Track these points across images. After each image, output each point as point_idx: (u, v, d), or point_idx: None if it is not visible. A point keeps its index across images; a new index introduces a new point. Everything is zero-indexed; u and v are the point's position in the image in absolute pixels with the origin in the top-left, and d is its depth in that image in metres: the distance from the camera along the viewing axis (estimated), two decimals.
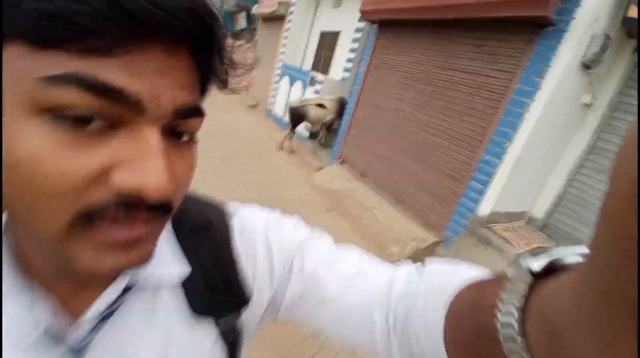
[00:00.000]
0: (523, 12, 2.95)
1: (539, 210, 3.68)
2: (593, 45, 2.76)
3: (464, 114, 3.74)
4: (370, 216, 4.52)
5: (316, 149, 6.95)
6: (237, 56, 0.32)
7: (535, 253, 0.23)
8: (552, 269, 0.22)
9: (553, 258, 0.22)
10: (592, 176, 3.35)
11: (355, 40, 6.92)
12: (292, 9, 8.92)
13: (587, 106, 3.23)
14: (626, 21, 2.68)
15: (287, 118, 6.55)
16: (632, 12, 2.47)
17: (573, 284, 0.18)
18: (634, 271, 0.13)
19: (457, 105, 3.85)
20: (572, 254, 0.22)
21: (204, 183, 4.36)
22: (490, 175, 3.29)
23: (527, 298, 0.22)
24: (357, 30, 6.85)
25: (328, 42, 8.05)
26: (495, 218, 3.40)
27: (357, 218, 4.53)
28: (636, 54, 2.95)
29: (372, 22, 5.52)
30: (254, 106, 10.81)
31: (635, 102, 3.07)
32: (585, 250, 0.21)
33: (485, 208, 3.32)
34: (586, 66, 2.89)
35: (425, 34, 4.43)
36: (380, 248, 3.89)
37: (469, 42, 3.75)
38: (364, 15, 5.48)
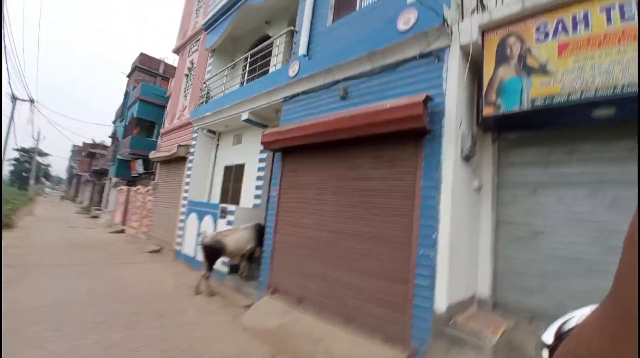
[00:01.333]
0: (406, 126, 3.58)
1: (483, 289, 3.72)
2: (465, 142, 3.42)
3: (386, 216, 3.91)
4: (323, 350, 3.81)
5: (240, 284, 6.13)
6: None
7: (543, 329, 0.30)
8: (560, 336, 0.28)
9: (557, 327, 0.29)
10: (509, 246, 3.69)
11: (260, 169, 7.26)
12: (192, 149, 9.17)
13: (478, 188, 3.80)
14: (482, 120, 3.46)
15: (200, 257, 5.80)
16: (486, 112, 3.25)
17: (597, 317, 0.21)
18: None
19: (376, 209, 4.04)
20: (571, 319, 0.29)
21: None
22: (432, 268, 3.27)
23: None
24: (261, 160, 7.28)
25: (234, 174, 8.24)
26: (453, 310, 3.24)
27: (309, 357, 3.74)
28: (497, 143, 3.80)
29: (275, 151, 5.95)
30: (157, 251, 9.53)
31: (507, 179, 3.77)
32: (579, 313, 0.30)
33: (441, 303, 3.17)
34: (467, 158, 3.51)
35: (327, 153, 4.91)
36: None
37: (368, 154, 4.26)
38: (266, 146, 5.89)
